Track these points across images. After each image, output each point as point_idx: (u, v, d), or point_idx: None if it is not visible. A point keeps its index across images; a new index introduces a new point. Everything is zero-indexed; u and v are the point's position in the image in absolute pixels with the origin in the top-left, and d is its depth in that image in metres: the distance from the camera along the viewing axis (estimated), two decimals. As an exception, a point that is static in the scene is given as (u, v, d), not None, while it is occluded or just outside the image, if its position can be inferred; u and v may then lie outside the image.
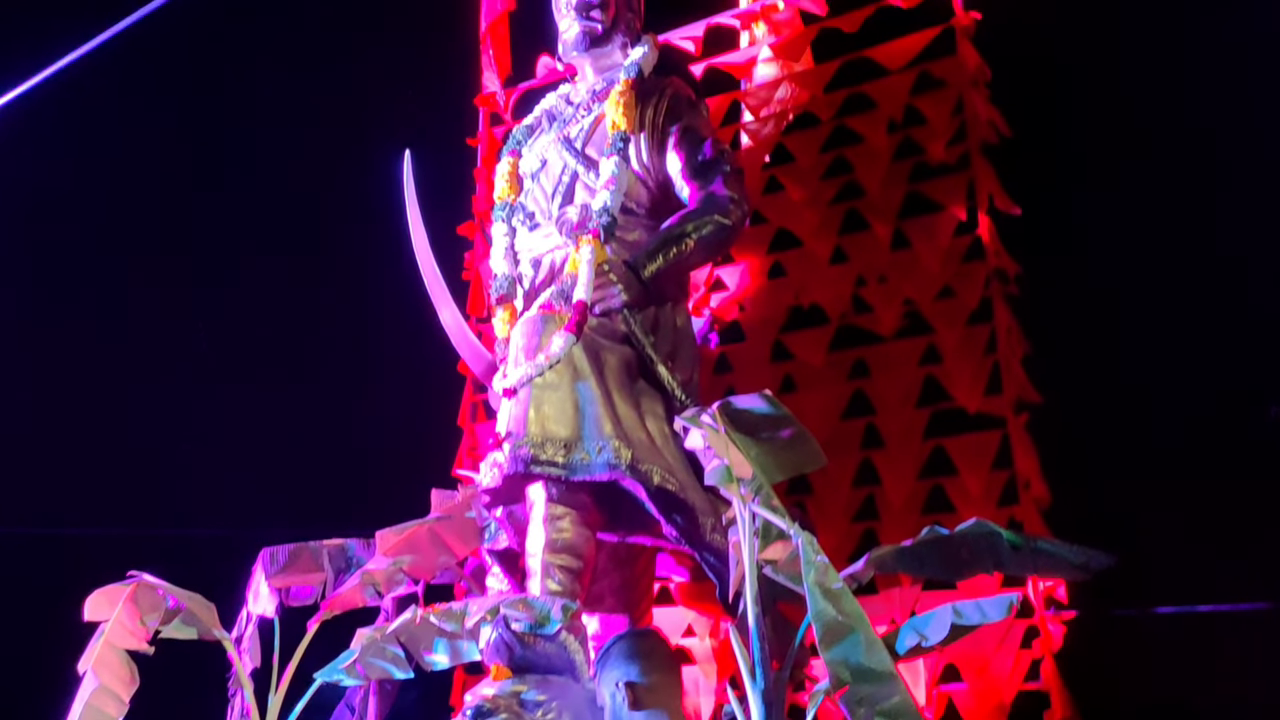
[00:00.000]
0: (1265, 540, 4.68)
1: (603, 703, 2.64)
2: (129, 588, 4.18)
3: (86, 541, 6.17)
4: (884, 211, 5.86)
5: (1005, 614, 3.62)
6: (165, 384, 6.60)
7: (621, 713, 2.55)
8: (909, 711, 3.17)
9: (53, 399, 6.37)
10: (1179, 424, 5.16)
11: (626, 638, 2.70)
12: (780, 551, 3.83)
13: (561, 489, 4.32)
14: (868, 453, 5.55)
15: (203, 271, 6.95)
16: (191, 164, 7.06)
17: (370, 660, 4.15)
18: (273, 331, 6.76)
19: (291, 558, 5.28)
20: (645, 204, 5.13)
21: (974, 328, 5.46)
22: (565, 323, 4.51)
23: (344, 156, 6.90)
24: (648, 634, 2.81)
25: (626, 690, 2.56)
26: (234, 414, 6.77)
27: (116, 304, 6.86)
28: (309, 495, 6.66)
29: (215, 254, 6.98)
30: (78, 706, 4.05)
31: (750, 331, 6.06)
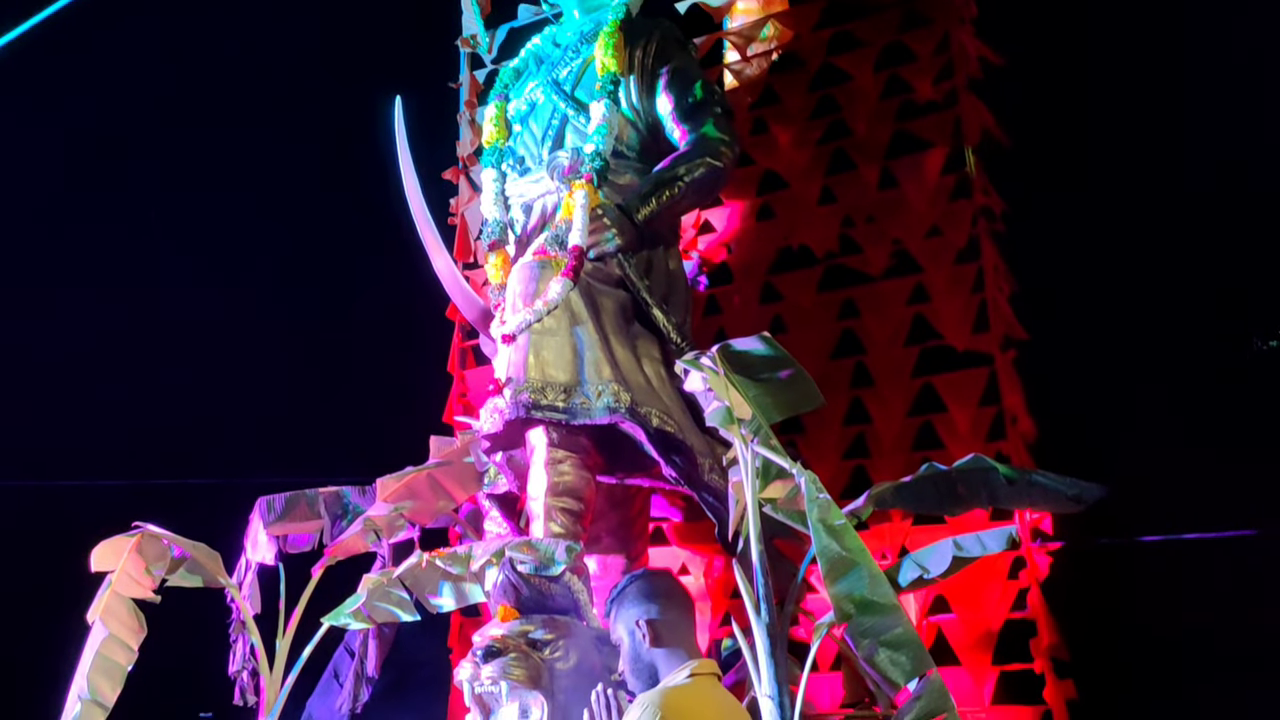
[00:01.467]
0: (1248, 470, 4.80)
1: (617, 640, 2.70)
2: (134, 538, 4.23)
3: (81, 493, 6.17)
4: (871, 151, 5.87)
5: (1005, 546, 3.72)
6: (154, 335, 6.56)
7: (641, 650, 2.62)
8: (912, 642, 3.27)
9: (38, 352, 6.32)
10: (1163, 359, 5.25)
11: (642, 578, 2.76)
12: (780, 490, 3.90)
13: (562, 433, 4.36)
14: (858, 391, 5.62)
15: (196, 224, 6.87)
16: (181, 111, 6.94)
17: (376, 604, 4.23)
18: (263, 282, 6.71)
19: (288, 506, 5.33)
20: (636, 147, 5.12)
21: (961, 266, 5.50)
22: (562, 268, 4.52)
23: (332, 101, 6.80)
24: (663, 574, 2.88)
25: (648, 628, 2.62)
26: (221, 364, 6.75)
27: (104, 257, 6.78)
28: (298, 444, 6.67)
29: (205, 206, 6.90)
30: (88, 655, 4.11)
31: (739, 273, 6.08)
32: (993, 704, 4.92)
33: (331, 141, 6.83)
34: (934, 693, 3.25)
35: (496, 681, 3.77)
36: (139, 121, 6.93)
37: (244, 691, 4.88)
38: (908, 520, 5.22)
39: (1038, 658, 4.86)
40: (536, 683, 3.74)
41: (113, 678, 4.10)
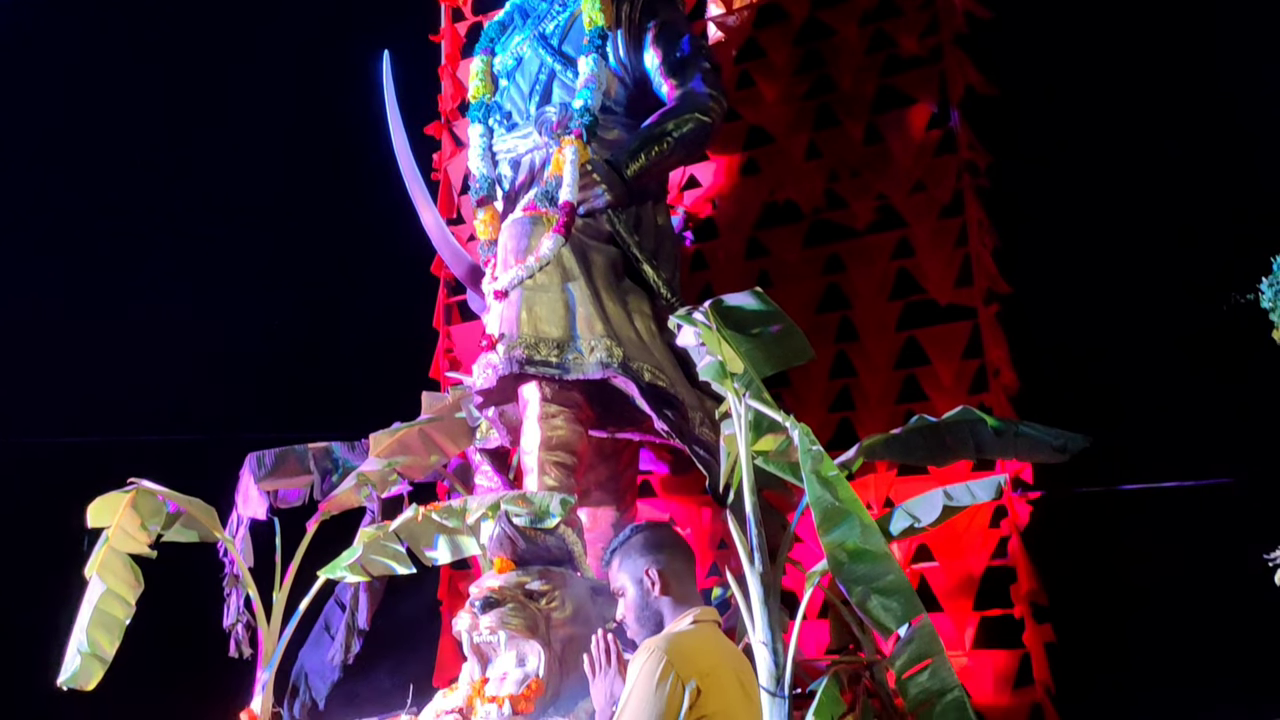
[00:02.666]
0: (1223, 419, 4.92)
1: (620, 589, 2.74)
2: (129, 494, 4.24)
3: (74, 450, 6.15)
4: (856, 106, 5.89)
5: (994, 495, 3.82)
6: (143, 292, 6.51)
7: (650, 598, 2.68)
8: (903, 589, 3.36)
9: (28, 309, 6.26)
10: (1142, 312, 5.34)
11: (647, 529, 2.81)
12: (772, 443, 3.97)
13: (555, 388, 4.40)
14: (843, 345, 5.70)
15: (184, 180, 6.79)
16: (170, 68, 6.82)
17: (372, 557, 4.27)
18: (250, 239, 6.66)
19: (278, 461, 5.37)
20: (623, 102, 5.11)
21: (945, 221, 5.57)
22: (553, 224, 4.53)
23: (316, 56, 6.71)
24: (665, 526, 2.93)
25: (658, 576, 2.68)
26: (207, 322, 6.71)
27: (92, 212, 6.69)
28: (285, 401, 6.67)
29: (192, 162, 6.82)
30: (86, 610, 4.14)
31: (725, 228, 6.11)
32: (973, 648, 5.07)
33: (316, 96, 6.76)
34: (924, 637, 3.35)
35: (495, 631, 3.84)
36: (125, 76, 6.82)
37: (239, 644, 4.94)
38: (892, 471, 5.32)
39: (1017, 603, 5.00)
40: (534, 632, 3.82)
41: (111, 631, 4.14)
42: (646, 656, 2.49)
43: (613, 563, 2.80)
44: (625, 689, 2.49)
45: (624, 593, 2.76)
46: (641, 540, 2.75)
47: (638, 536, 2.77)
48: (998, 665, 5.00)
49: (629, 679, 2.51)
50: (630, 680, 2.49)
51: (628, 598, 2.73)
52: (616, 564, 2.78)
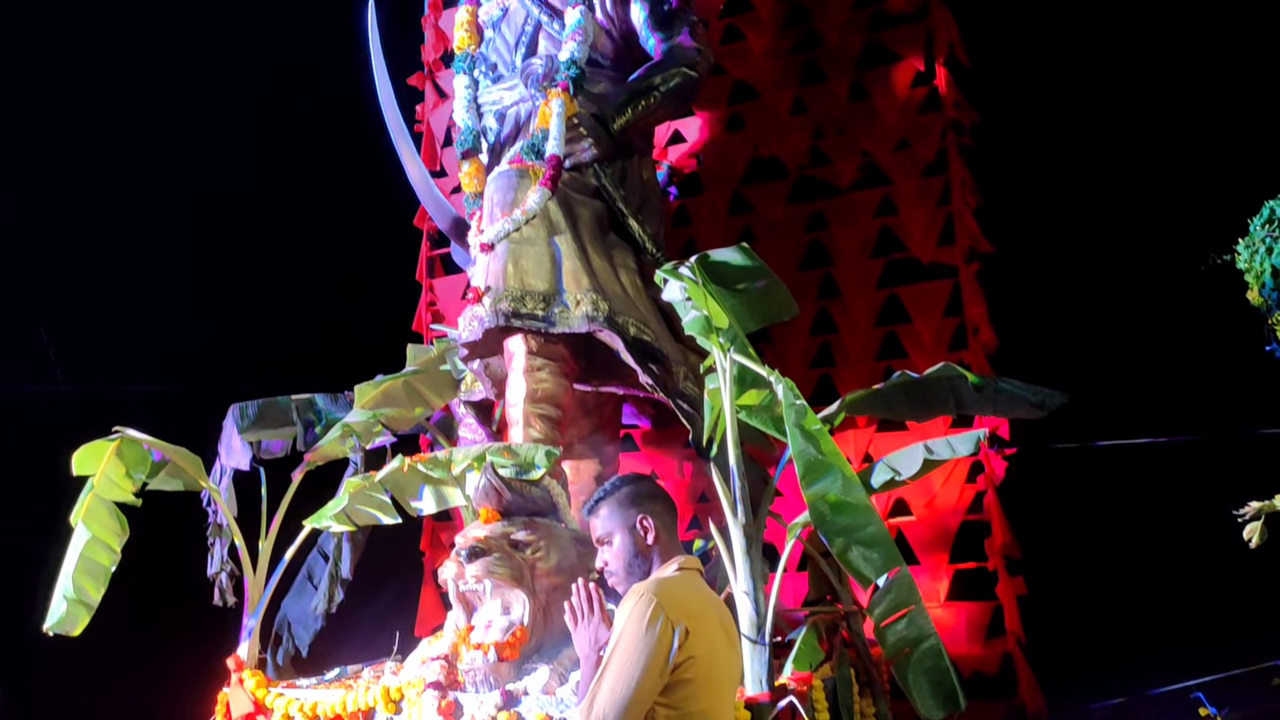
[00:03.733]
0: (1198, 378, 5.01)
1: (606, 535, 2.75)
2: (114, 442, 4.24)
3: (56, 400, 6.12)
4: (842, 62, 5.90)
5: (974, 449, 3.89)
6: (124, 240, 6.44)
7: (641, 547, 2.72)
8: (883, 540, 3.44)
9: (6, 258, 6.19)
10: (1121, 272, 5.41)
11: (635, 481, 2.84)
12: (755, 397, 4.03)
13: (541, 341, 4.41)
14: (825, 302, 5.75)
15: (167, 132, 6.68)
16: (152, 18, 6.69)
17: (358, 507, 4.30)
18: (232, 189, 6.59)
19: (261, 412, 5.36)
20: (609, 55, 5.08)
21: (929, 179, 5.61)
22: (539, 177, 4.52)
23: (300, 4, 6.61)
24: (650, 478, 2.97)
25: (652, 525, 2.72)
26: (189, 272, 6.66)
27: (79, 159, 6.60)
28: (264, 353, 6.65)
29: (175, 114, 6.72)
30: (71, 556, 4.16)
31: (709, 184, 6.13)
32: (947, 600, 5.18)
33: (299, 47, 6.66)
34: (903, 587, 3.43)
35: (480, 580, 3.88)
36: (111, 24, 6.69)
37: (223, 593, 4.96)
38: (871, 427, 5.40)
39: (991, 556, 5.11)
40: (519, 581, 3.87)
41: (96, 578, 4.16)
42: (636, 600, 2.54)
43: (599, 511, 2.81)
44: (614, 632, 2.54)
45: (610, 540, 2.78)
46: (632, 491, 2.79)
47: (628, 487, 2.80)
48: (971, 616, 5.13)
49: (617, 623, 2.55)
50: (619, 624, 2.53)
51: (616, 546, 2.76)
52: (605, 513, 2.79)
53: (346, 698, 3.96)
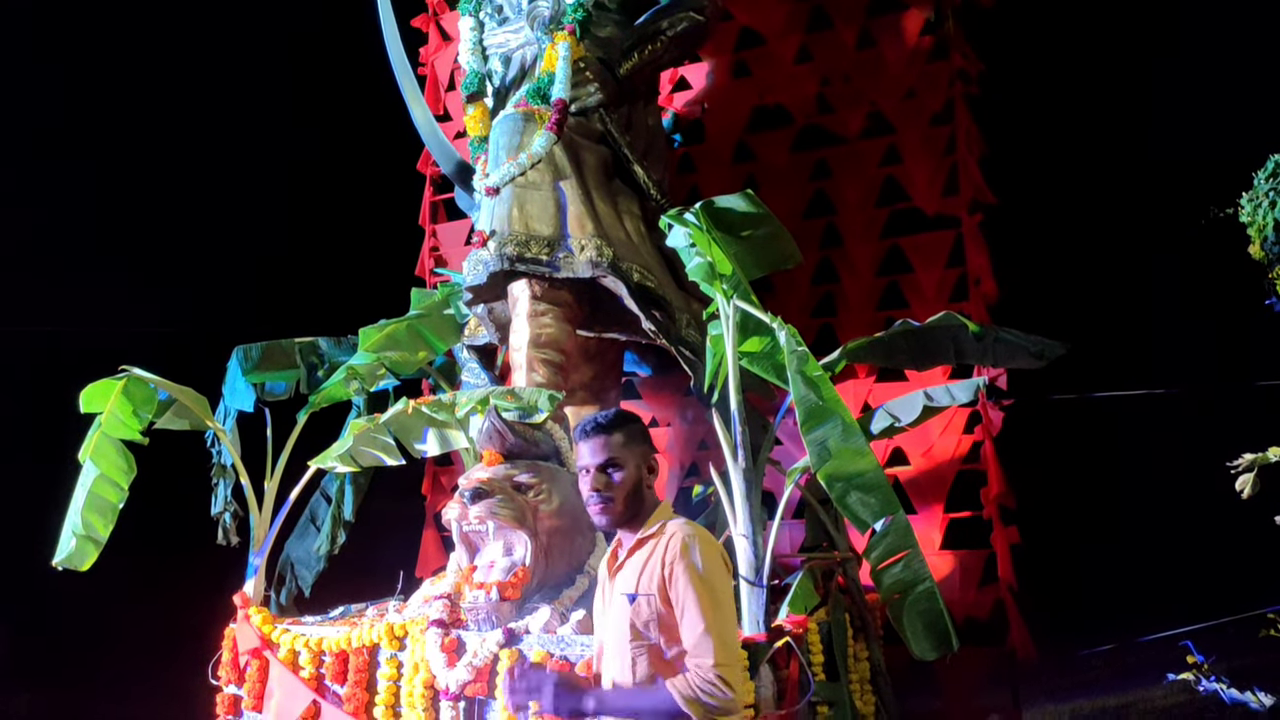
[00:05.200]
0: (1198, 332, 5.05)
1: (615, 460, 2.59)
2: (121, 381, 4.27)
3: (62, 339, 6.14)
4: (851, 9, 5.83)
5: (973, 397, 3.92)
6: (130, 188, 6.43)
7: (646, 480, 2.73)
8: (881, 485, 3.48)
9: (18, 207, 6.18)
10: (1123, 225, 5.42)
11: (636, 420, 2.85)
12: (758, 344, 4.06)
13: (545, 286, 4.43)
14: (827, 251, 5.75)
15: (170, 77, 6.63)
16: None
17: (362, 449, 4.34)
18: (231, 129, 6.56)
19: (265, 355, 5.38)
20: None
21: (935, 129, 5.57)
22: (545, 121, 4.50)
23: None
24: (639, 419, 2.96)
25: (656, 466, 2.76)
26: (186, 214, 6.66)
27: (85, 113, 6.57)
28: (266, 295, 6.67)
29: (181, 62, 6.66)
30: (79, 493, 4.21)
31: (713, 132, 6.09)
32: (942, 548, 5.25)
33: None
34: (900, 531, 3.49)
35: (483, 521, 3.93)
36: None
37: (226, 532, 5.02)
38: (871, 377, 5.43)
39: (986, 505, 5.17)
40: (521, 523, 3.92)
41: (104, 515, 4.22)
42: (703, 545, 2.55)
43: (615, 438, 2.67)
44: (690, 578, 2.51)
45: (621, 467, 2.65)
46: (642, 429, 2.78)
47: (639, 425, 2.78)
48: (965, 564, 5.19)
49: (688, 566, 2.52)
50: (691, 568, 2.51)
51: (625, 475, 2.65)
52: (621, 439, 2.67)
53: (351, 634, 4.03)
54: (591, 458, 2.68)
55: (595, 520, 2.69)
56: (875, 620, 4.45)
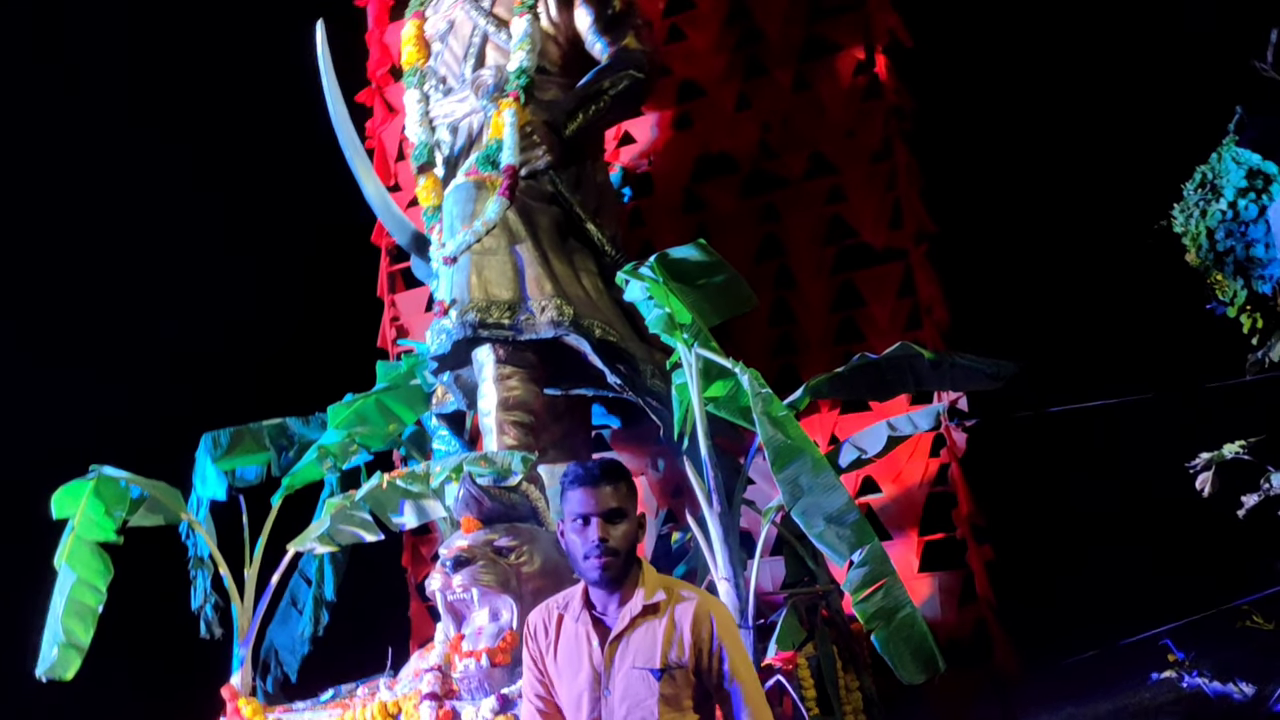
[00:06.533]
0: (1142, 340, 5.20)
1: (620, 509, 2.43)
2: (92, 481, 4.25)
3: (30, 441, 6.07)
4: (784, 55, 6.01)
5: (934, 423, 4.02)
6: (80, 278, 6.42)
7: (638, 539, 2.74)
8: (854, 516, 3.56)
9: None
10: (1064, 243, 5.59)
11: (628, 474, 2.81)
12: (722, 389, 4.15)
13: (509, 349, 4.49)
14: (781, 292, 5.87)
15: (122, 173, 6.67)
16: (105, 61, 6.68)
17: (340, 527, 4.34)
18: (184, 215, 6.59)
19: (234, 440, 5.37)
20: (557, 61, 5.15)
21: (876, 165, 5.74)
22: (497, 188, 4.59)
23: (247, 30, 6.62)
24: None
25: (644, 521, 2.75)
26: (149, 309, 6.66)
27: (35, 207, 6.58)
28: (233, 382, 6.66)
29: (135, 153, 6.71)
30: (58, 600, 4.17)
31: (661, 183, 6.22)
32: (920, 571, 5.32)
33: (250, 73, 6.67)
34: (876, 560, 3.55)
35: (468, 589, 3.95)
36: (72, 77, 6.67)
37: (209, 625, 4.98)
38: (835, 410, 5.53)
39: (959, 525, 5.26)
40: (506, 586, 3.94)
41: (85, 620, 4.18)
42: (725, 612, 2.53)
43: (620, 487, 2.52)
44: (742, 654, 2.49)
45: (624, 518, 2.49)
46: None
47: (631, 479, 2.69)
48: (943, 585, 5.26)
49: (735, 642, 2.47)
50: (724, 634, 2.47)
51: (627, 527, 2.50)
52: (625, 490, 2.53)
53: (344, 716, 4.02)
54: (594, 506, 2.48)
55: (590, 575, 2.49)
56: (863, 649, 4.50)
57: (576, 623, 2.56)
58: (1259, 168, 4.67)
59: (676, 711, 2.45)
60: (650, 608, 2.49)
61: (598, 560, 2.47)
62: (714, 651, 2.45)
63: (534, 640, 2.59)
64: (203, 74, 6.76)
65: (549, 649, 2.57)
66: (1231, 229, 4.78)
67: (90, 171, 6.73)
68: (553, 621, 2.59)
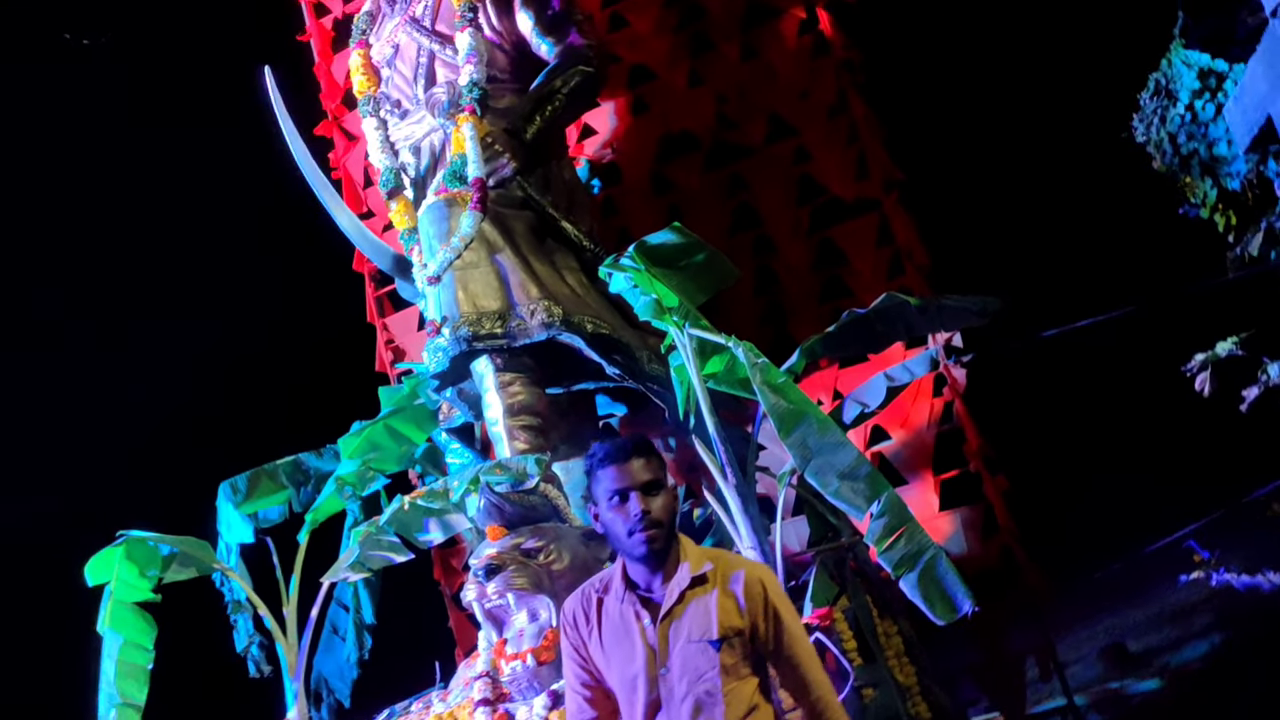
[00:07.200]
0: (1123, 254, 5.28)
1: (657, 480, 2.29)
2: (121, 546, 4.34)
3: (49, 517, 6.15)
4: (728, 28, 6.06)
5: (930, 368, 4.09)
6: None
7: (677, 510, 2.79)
8: (866, 470, 3.64)
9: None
10: (1031, 168, 5.65)
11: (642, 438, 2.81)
12: (719, 364, 4.22)
13: (506, 357, 4.56)
14: (762, 260, 5.94)
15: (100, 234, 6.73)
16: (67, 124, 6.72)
17: (370, 553, 4.42)
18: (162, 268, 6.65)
19: (251, 483, 5.45)
20: (507, 68, 5.21)
21: (834, 121, 5.80)
22: (468, 202, 4.65)
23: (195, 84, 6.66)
24: None
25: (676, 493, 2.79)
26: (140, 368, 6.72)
27: None
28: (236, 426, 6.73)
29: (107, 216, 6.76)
30: (108, 663, 4.26)
31: (627, 170, 6.27)
32: (940, 510, 5.41)
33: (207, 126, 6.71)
34: (893, 508, 3.63)
35: (503, 594, 4.04)
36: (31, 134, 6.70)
37: (258, 664, 5.07)
38: (834, 366, 5.61)
39: (971, 460, 5.35)
40: (540, 587, 4.03)
41: (138, 679, 4.27)
42: (773, 577, 2.55)
43: (654, 459, 2.48)
44: (796, 620, 2.50)
45: (662, 489, 2.45)
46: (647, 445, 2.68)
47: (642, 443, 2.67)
48: (965, 521, 5.35)
49: (788, 609, 2.48)
50: (776, 598, 2.48)
51: (666, 498, 2.46)
52: (659, 462, 2.50)
53: (402, 734, 4.11)
54: (629, 480, 2.42)
55: (637, 550, 2.42)
56: (897, 594, 4.57)
57: (621, 603, 2.50)
58: (1209, 67, 4.74)
59: (736, 680, 2.42)
60: (699, 579, 2.46)
61: (643, 534, 2.41)
62: (769, 616, 2.46)
63: (573, 630, 2.55)
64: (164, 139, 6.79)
65: (591, 635, 2.52)
66: (1192, 131, 4.86)
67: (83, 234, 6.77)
68: (592, 607, 2.54)
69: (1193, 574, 4.98)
